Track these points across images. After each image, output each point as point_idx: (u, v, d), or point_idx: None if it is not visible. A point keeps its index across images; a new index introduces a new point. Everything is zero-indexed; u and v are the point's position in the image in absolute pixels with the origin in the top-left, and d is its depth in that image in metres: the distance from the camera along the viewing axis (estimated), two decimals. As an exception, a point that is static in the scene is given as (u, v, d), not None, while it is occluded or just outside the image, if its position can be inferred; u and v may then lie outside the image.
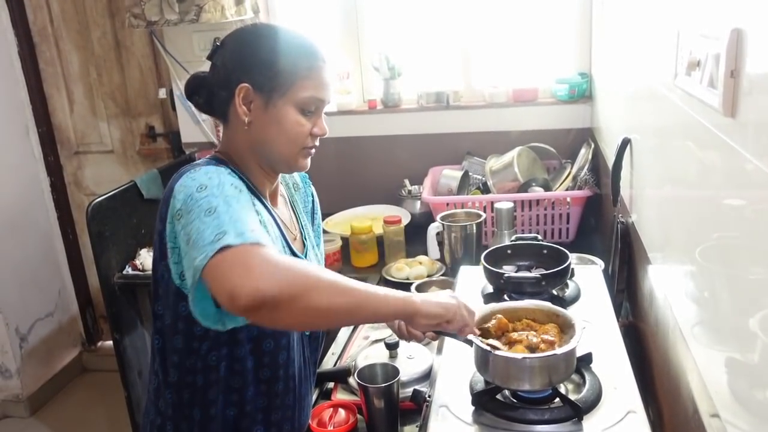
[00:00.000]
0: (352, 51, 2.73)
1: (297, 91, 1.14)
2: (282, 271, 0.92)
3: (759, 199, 0.67)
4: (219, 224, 0.96)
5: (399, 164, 2.70)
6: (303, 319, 0.98)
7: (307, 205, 1.43)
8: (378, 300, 1.03)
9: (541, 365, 1.11)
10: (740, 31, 0.72)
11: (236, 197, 1.03)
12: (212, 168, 1.09)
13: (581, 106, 2.54)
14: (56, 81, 3.16)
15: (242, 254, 0.92)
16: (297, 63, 1.15)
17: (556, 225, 2.21)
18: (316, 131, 1.19)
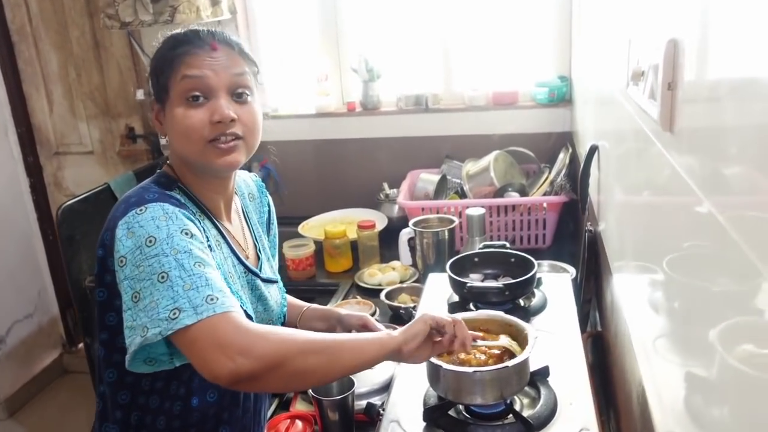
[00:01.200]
0: (331, 52, 2.70)
1: (174, 83, 1.08)
2: (257, 341, 0.92)
3: (692, 213, 0.65)
4: (173, 297, 0.94)
5: (378, 167, 2.68)
6: (283, 384, 1.01)
7: (263, 215, 1.38)
8: (353, 351, 1.00)
9: (492, 378, 1.09)
10: (677, 42, 0.69)
11: (188, 252, 0.98)
12: (159, 210, 1.01)
13: (561, 110, 2.52)
14: (35, 81, 3.13)
15: (210, 331, 0.92)
16: (168, 55, 1.09)
17: (532, 231, 2.18)
18: (214, 117, 1.07)
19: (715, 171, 0.58)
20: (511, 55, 2.58)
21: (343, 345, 1.00)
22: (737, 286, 0.53)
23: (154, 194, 1.06)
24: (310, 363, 0.95)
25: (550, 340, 1.36)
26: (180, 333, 0.93)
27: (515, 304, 1.47)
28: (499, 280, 1.56)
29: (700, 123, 0.63)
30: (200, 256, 0.99)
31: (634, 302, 1.08)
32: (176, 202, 1.06)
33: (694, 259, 0.67)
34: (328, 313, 1.36)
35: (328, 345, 0.99)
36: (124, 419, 1.12)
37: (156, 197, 1.05)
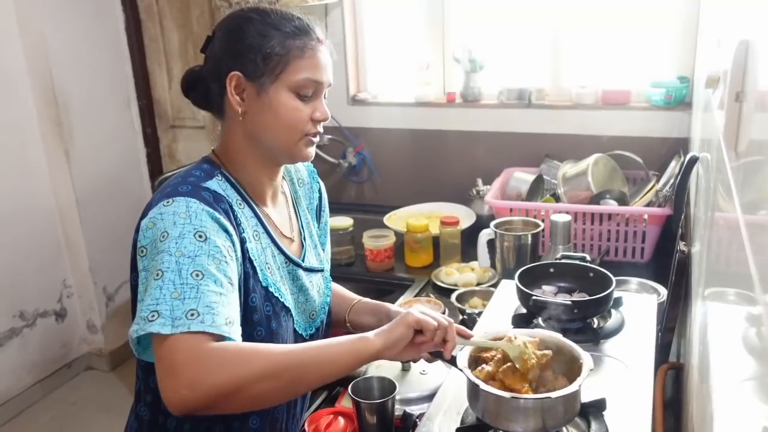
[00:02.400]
0: (435, 41, 2.62)
1: (290, 74, 1.08)
2: (207, 373, 0.89)
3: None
4: (158, 298, 0.93)
5: (473, 162, 2.58)
6: (248, 408, 0.98)
7: (313, 201, 1.35)
8: (321, 366, 0.98)
9: (533, 407, 0.99)
10: (749, 44, 0.57)
11: (191, 258, 0.96)
12: (183, 206, 1.00)
13: (678, 114, 2.29)
14: (158, 57, 3.29)
15: (170, 351, 0.90)
16: (287, 44, 1.08)
17: (629, 243, 2.01)
18: (317, 116, 1.12)
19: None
20: (626, 51, 2.38)
21: (310, 361, 0.97)
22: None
23: (187, 187, 1.05)
24: (269, 387, 0.93)
25: (618, 368, 1.24)
26: (156, 339, 0.92)
27: (586, 324, 1.34)
28: (573, 295, 1.44)
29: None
30: (204, 264, 0.97)
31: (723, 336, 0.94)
32: (209, 197, 1.05)
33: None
34: (378, 307, 1.32)
35: (291, 364, 0.95)
36: (155, 402, 1.13)
37: (188, 190, 1.04)
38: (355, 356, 1.00)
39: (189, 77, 1.17)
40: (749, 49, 0.57)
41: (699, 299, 1.14)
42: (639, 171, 2.25)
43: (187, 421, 1.13)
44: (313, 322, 1.25)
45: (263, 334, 1.10)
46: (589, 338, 1.31)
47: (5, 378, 2.91)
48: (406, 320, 1.04)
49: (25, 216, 2.95)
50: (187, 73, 1.18)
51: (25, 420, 2.93)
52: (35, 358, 3.05)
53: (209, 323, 0.92)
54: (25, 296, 2.98)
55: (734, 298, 0.83)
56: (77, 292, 3.23)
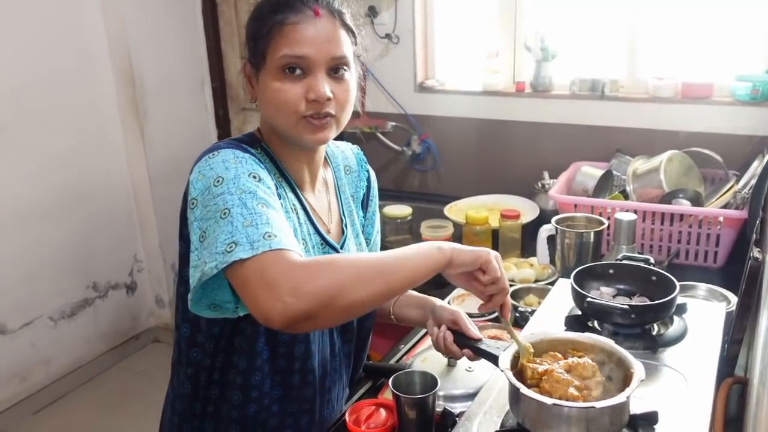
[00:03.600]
0: (506, 27, 2.55)
1: (273, 53, 1.03)
2: (306, 280, 0.89)
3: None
4: (232, 231, 0.92)
5: (541, 154, 2.50)
6: (342, 318, 0.97)
7: (359, 190, 1.32)
8: (410, 269, 0.99)
9: (577, 416, 0.94)
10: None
11: (253, 192, 0.97)
12: (230, 154, 1.01)
13: (765, 110, 2.14)
14: (232, 39, 3.35)
15: (260, 269, 0.89)
16: (268, 21, 1.04)
17: (701, 246, 1.89)
18: (310, 96, 1.04)
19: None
20: (709, 41, 2.24)
21: (397, 268, 0.98)
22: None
23: (229, 143, 1.06)
24: (363, 292, 0.93)
25: (676, 380, 1.16)
26: (235, 269, 0.91)
27: (644, 330, 1.27)
28: (633, 299, 1.37)
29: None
30: (264, 197, 0.98)
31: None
32: (251, 154, 1.05)
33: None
34: (424, 301, 1.29)
35: (381, 269, 0.96)
36: (195, 376, 1.15)
37: (230, 144, 1.06)
38: (433, 265, 1.01)
39: None
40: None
41: (766, 310, 1.05)
42: (718, 170, 2.12)
43: (228, 390, 1.15)
44: None
45: None
46: (646, 346, 1.24)
47: (79, 345, 3.06)
48: (479, 255, 1.06)
49: (101, 192, 3.07)
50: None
51: (95, 386, 3.08)
52: (106, 329, 3.19)
53: (286, 243, 0.93)
54: (99, 268, 3.11)
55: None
56: (147, 267, 3.35)
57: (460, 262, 1.04)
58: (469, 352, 1.14)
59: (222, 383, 1.15)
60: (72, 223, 2.95)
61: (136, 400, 2.95)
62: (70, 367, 3.03)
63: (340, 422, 1.27)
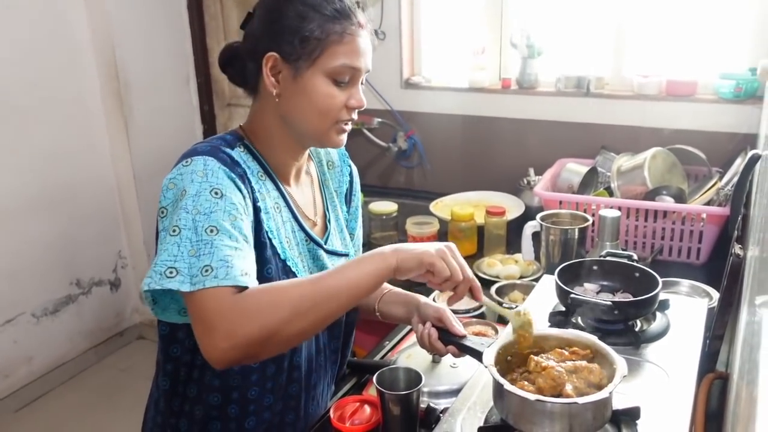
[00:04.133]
0: (492, 24, 2.55)
1: (327, 59, 1.05)
2: (240, 324, 0.90)
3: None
4: (176, 255, 0.94)
5: (526, 151, 2.51)
6: (285, 348, 1.01)
7: (342, 185, 1.32)
8: (349, 289, 0.98)
9: (560, 411, 0.95)
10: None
11: (207, 214, 0.97)
12: (200, 164, 1.00)
13: (748, 108, 2.16)
14: (217, 35, 3.33)
15: (198, 308, 0.91)
16: (326, 27, 1.05)
17: (685, 243, 1.91)
18: (352, 103, 1.10)
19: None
20: (693, 40, 2.25)
21: (335, 292, 0.97)
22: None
23: (206, 146, 1.06)
24: (301, 326, 0.94)
25: (658, 375, 1.17)
26: (183, 296, 0.94)
27: (627, 327, 1.28)
28: (616, 295, 1.37)
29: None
30: (218, 220, 0.97)
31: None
32: (226, 159, 1.04)
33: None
34: (409, 298, 1.29)
35: (317, 299, 0.95)
36: (174, 372, 1.14)
37: (206, 149, 1.04)
38: (376, 279, 1.01)
39: (227, 53, 1.15)
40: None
41: (746, 306, 1.06)
42: (702, 167, 2.14)
43: (206, 391, 1.14)
44: None
45: None
46: (629, 341, 1.24)
47: (62, 342, 3.03)
48: (422, 257, 1.03)
49: (85, 188, 3.05)
50: (225, 48, 1.16)
51: (78, 383, 3.05)
52: (90, 326, 3.17)
53: (223, 277, 0.93)
54: (82, 265, 3.09)
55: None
56: (131, 263, 3.33)
57: (406, 269, 1.02)
58: (454, 349, 1.14)
59: (200, 382, 1.14)
60: (55, 219, 2.93)
61: (120, 398, 2.93)
62: (53, 365, 3.01)
63: (324, 419, 1.27)
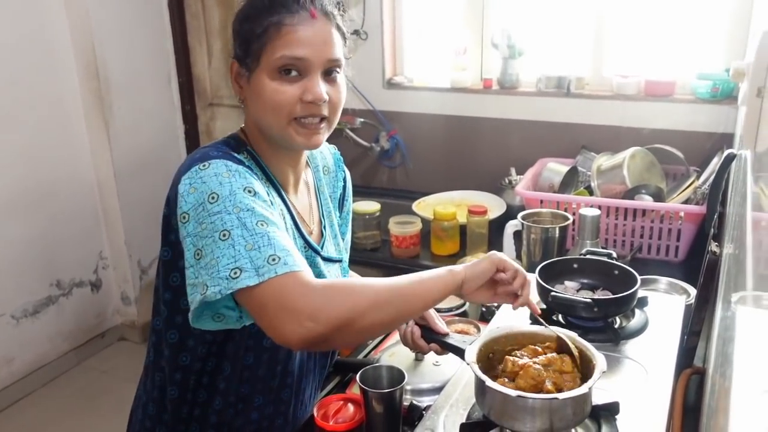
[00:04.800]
0: (474, 25, 2.57)
1: (269, 54, 1.02)
2: (324, 305, 0.91)
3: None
4: (235, 256, 0.92)
5: (508, 151, 2.53)
6: (356, 339, 1.07)
7: (336, 190, 1.32)
8: (423, 293, 1.01)
9: (540, 407, 0.96)
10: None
11: (251, 210, 0.95)
12: (222, 167, 0.99)
13: (725, 108, 2.20)
14: (199, 34, 3.32)
15: (277, 295, 0.91)
16: (264, 22, 1.02)
17: (663, 241, 1.94)
18: (307, 97, 1.02)
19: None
20: (672, 41, 2.29)
21: (413, 290, 1.00)
22: None
23: (218, 152, 1.03)
24: (379, 317, 0.95)
25: (637, 371, 1.19)
26: (245, 294, 0.92)
27: (607, 324, 1.30)
28: (596, 293, 1.39)
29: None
30: (263, 214, 0.96)
31: (749, 342, 0.89)
32: (240, 163, 1.03)
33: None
34: None
35: (396, 294, 0.98)
36: (183, 381, 1.13)
37: (220, 155, 1.02)
38: (444, 286, 1.04)
39: None
40: (773, 39, 0.52)
41: (721, 302, 1.09)
42: (679, 166, 2.17)
43: (214, 395, 1.14)
44: None
45: None
46: (608, 338, 1.26)
47: (41, 344, 3.00)
48: (491, 257, 1.08)
49: (65, 187, 3.02)
50: None
51: (59, 385, 3.02)
52: (70, 327, 3.14)
53: (292, 264, 0.93)
54: (63, 266, 3.06)
55: (756, 303, 0.79)
56: (113, 264, 3.30)
57: (476, 275, 1.06)
58: (436, 347, 1.15)
59: (210, 387, 1.14)
60: (35, 219, 2.90)
61: (102, 400, 2.91)
62: (33, 366, 2.97)
63: (308, 418, 1.27)
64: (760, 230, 0.79)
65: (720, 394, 0.86)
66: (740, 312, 1.00)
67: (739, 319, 0.98)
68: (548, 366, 1.03)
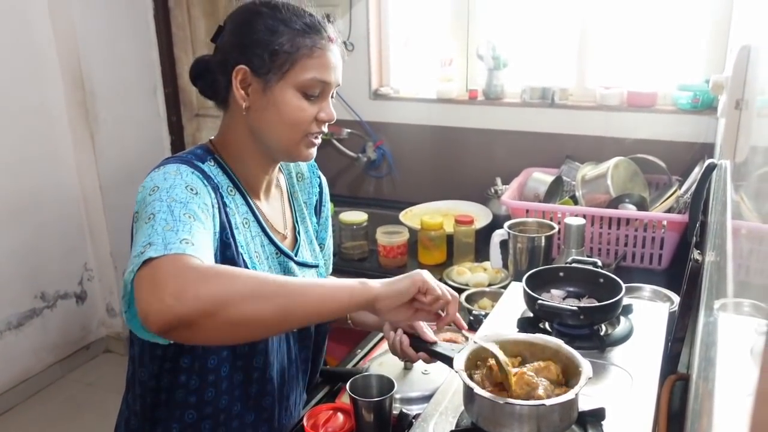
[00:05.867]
0: (459, 36, 2.60)
1: (298, 73, 1.06)
2: (194, 283, 0.82)
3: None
4: (150, 234, 0.88)
5: (493, 161, 2.55)
6: (227, 334, 0.87)
7: (312, 197, 1.34)
8: (318, 297, 0.90)
9: (528, 414, 0.97)
10: (751, 50, 0.55)
11: (183, 202, 0.95)
12: (173, 168, 1.02)
13: (705, 118, 2.24)
14: (185, 45, 3.32)
15: (156, 269, 0.83)
16: (296, 42, 1.06)
17: (647, 249, 1.97)
18: (322, 116, 1.11)
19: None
20: (653, 53, 2.33)
21: (305, 290, 0.90)
22: None
23: (177, 159, 1.07)
24: (255, 309, 0.85)
25: (622, 377, 1.21)
26: (140, 272, 0.85)
27: (593, 331, 1.31)
28: (582, 301, 1.41)
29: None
30: (194, 209, 0.96)
31: (731, 347, 0.91)
32: (200, 169, 1.05)
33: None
34: None
35: (284, 290, 0.88)
36: (142, 397, 1.14)
37: (178, 160, 1.06)
38: (350, 296, 0.93)
39: (197, 66, 1.16)
40: (750, 55, 0.54)
41: (704, 309, 1.11)
42: (662, 176, 2.21)
43: (178, 410, 1.14)
44: None
45: None
46: (594, 345, 1.28)
47: (26, 357, 2.97)
48: (412, 276, 1.00)
49: (50, 199, 3.00)
50: (196, 61, 1.16)
51: (44, 398, 2.99)
52: (55, 339, 3.11)
53: (200, 252, 0.88)
54: (47, 278, 3.03)
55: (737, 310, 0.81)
56: (98, 275, 3.28)
57: (393, 293, 0.98)
58: (425, 355, 1.16)
59: (170, 404, 1.14)
60: (19, 231, 2.87)
61: (87, 412, 2.88)
62: (17, 379, 2.94)
63: (297, 427, 1.28)
64: (740, 238, 0.81)
65: (704, 397, 0.88)
66: (722, 318, 1.02)
67: (721, 323, 1.01)
68: (537, 372, 1.05)
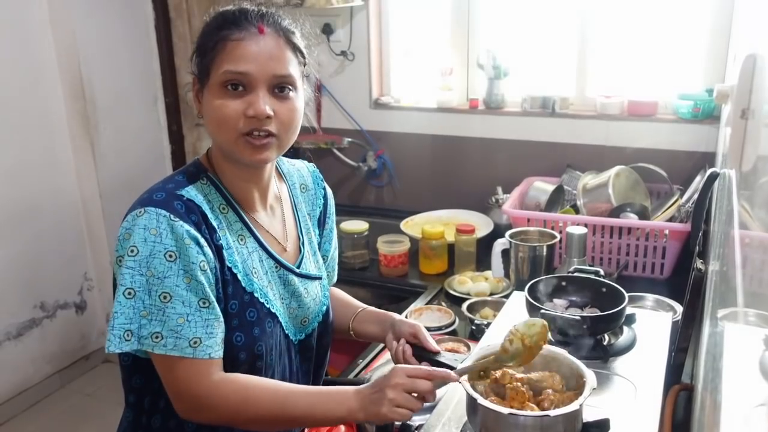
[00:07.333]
0: (459, 46, 2.60)
1: (216, 69, 1.03)
2: (204, 411, 1.05)
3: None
4: (131, 317, 1.00)
5: (494, 170, 2.55)
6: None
7: (316, 208, 1.31)
8: (305, 419, 1.08)
9: (532, 424, 0.97)
10: (757, 58, 0.54)
11: (161, 279, 0.99)
12: (153, 220, 1.00)
13: (705, 127, 2.24)
14: (186, 55, 3.32)
15: (168, 371, 1.03)
16: (213, 37, 1.04)
17: (649, 258, 1.96)
18: (249, 112, 1.02)
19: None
20: (654, 62, 2.33)
21: (297, 415, 1.06)
22: None
23: (161, 194, 1.04)
24: (256, 428, 1.10)
25: (626, 388, 1.20)
26: (153, 355, 1.03)
27: (596, 341, 1.31)
28: (585, 310, 1.41)
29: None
30: (172, 286, 1.00)
31: (738, 358, 0.90)
32: (181, 207, 1.03)
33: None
34: (383, 316, 1.30)
35: (281, 417, 1.05)
36: (137, 404, 1.13)
37: (161, 199, 1.03)
38: (337, 421, 1.13)
39: None
40: (756, 63, 0.54)
41: (708, 319, 1.10)
42: (663, 185, 2.20)
43: (171, 418, 1.13)
44: (304, 329, 1.23)
45: (243, 341, 1.09)
46: (598, 355, 1.27)
47: (24, 367, 2.96)
48: (391, 402, 1.03)
49: (50, 208, 2.99)
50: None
51: (43, 409, 2.97)
52: (54, 349, 3.09)
53: (171, 347, 1.00)
54: (46, 287, 3.02)
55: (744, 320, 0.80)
56: (98, 285, 3.27)
57: (374, 416, 1.04)
58: (428, 365, 1.15)
59: (166, 411, 1.12)
60: (19, 240, 2.87)
61: (86, 423, 2.86)
62: (16, 390, 2.92)
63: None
64: (747, 248, 0.81)
65: (710, 409, 0.87)
66: (729, 328, 1.02)
67: (727, 334, 1.00)
68: (542, 382, 1.05)
